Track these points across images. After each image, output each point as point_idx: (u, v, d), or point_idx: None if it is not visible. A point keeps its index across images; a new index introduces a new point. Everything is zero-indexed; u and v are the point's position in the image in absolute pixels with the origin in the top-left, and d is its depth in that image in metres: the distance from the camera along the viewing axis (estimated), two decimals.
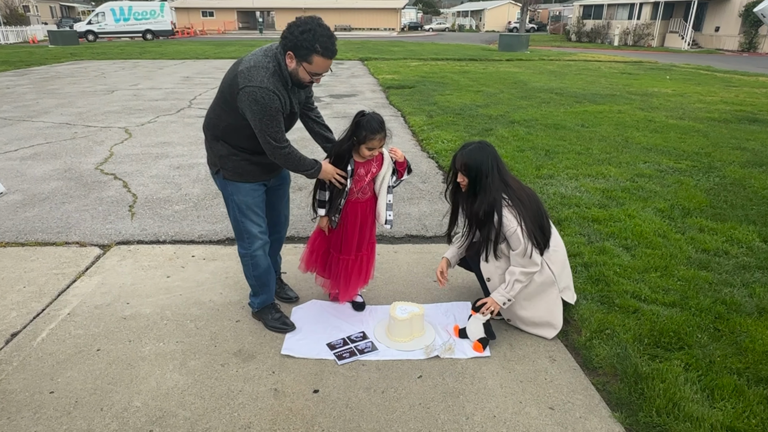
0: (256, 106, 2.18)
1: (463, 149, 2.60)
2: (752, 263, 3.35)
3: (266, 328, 2.72)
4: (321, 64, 2.20)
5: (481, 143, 2.62)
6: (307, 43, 2.14)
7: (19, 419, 2.09)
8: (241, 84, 2.18)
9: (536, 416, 2.13)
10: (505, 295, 2.56)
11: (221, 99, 2.36)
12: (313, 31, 2.13)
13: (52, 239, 3.80)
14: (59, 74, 14.27)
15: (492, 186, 2.50)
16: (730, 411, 2.07)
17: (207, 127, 2.49)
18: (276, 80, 2.22)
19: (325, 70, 2.26)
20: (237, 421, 2.10)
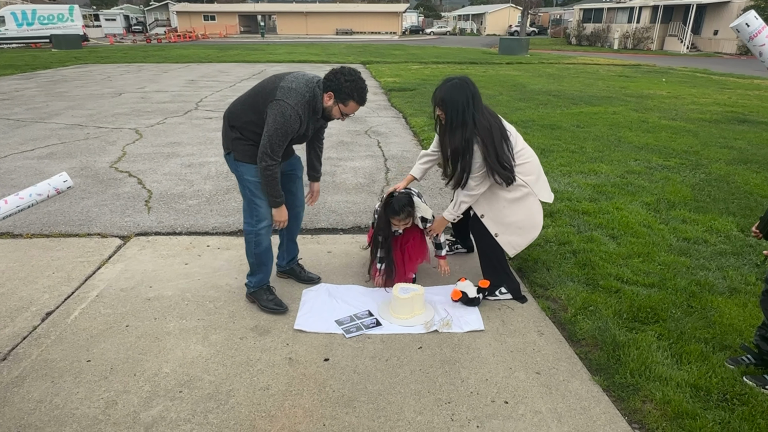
0: (281, 118, 2.53)
1: (444, 84, 2.78)
2: (728, 250, 3.60)
3: (260, 309, 2.93)
4: (353, 108, 2.65)
5: (461, 79, 2.78)
6: (349, 90, 2.57)
7: (62, 383, 2.34)
8: (278, 96, 2.54)
9: (524, 379, 2.38)
10: (453, 213, 2.98)
11: (252, 100, 2.67)
12: (355, 82, 2.57)
13: (74, 231, 4.06)
14: (66, 78, 14.57)
15: (467, 121, 2.70)
16: (695, 372, 2.33)
17: (229, 117, 2.78)
18: (305, 108, 2.60)
19: (354, 111, 2.68)
20: (257, 384, 2.35)
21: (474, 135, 2.72)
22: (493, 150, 2.74)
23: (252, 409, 2.19)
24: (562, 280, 3.20)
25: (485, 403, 2.23)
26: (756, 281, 3.18)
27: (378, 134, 7.51)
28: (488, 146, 2.73)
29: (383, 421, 2.12)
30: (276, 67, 18.15)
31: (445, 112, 2.76)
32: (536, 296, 3.11)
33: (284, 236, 3.22)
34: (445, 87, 2.77)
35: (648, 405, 2.19)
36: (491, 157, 2.74)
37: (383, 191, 3.22)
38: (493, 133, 2.76)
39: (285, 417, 2.15)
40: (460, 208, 2.96)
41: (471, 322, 2.83)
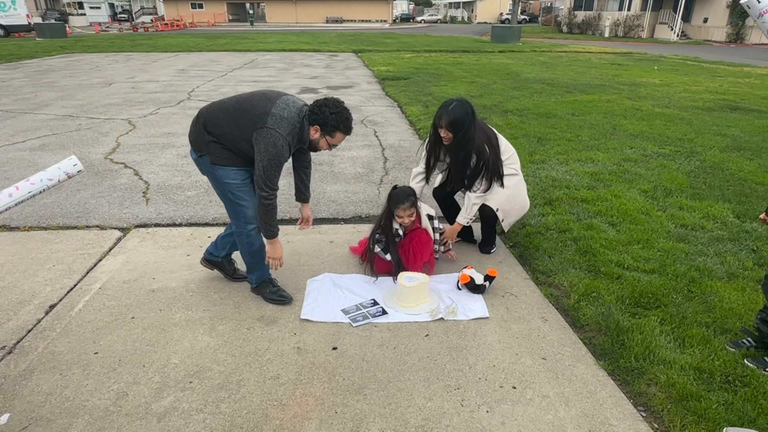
0: (273, 149, 2.48)
1: (446, 107, 3.04)
2: (725, 236, 3.66)
3: (265, 301, 2.93)
4: (340, 138, 2.66)
5: (460, 101, 3.06)
6: (335, 122, 2.56)
7: (71, 375, 2.34)
8: (270, 124, 2.49)
9: (530, 365, 2.42)
10: (467, 217, 3.30)
11: (237, 115, 2.56)
12: (340, 113, 2.57)
13: (72, 223, 4.03)
14: (53, 67, 14.32)
15: (474, 136, 3.05)
16: (698, 355, 2.38)
17: (205, 121, 2.62)
18: (293, 138, 2.58)
19: (341, 141, 2.69)
20: (266, 373, 2.36)
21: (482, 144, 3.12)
22: (495, 157, 3.18)
23: (263, 398, 2.20)
24: (564, 267, 3.24)
25: (494, 388, 2.26)
26: (753, 266, 3.24)
27: (374, 123, 7.49)
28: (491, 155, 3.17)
29: (394, 408, 2.15)
30: (267, 56, 17.98)
31: (453, 133, 3.05)
32: (539, 283, 3.14)
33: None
34: (448, 110, 3.03)
35: (653, 388, 2.24)
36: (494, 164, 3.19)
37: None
38: (492, 142, 3.20)
39: (297, 405, 2.17)
40: (473, 210, 3.30)
41: (476, 309, 2.86)
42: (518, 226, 3.88)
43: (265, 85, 11.15)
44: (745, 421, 2.02)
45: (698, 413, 2.06)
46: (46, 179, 1.86)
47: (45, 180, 1.85)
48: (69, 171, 1.89)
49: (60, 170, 1.87)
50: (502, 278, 3.18)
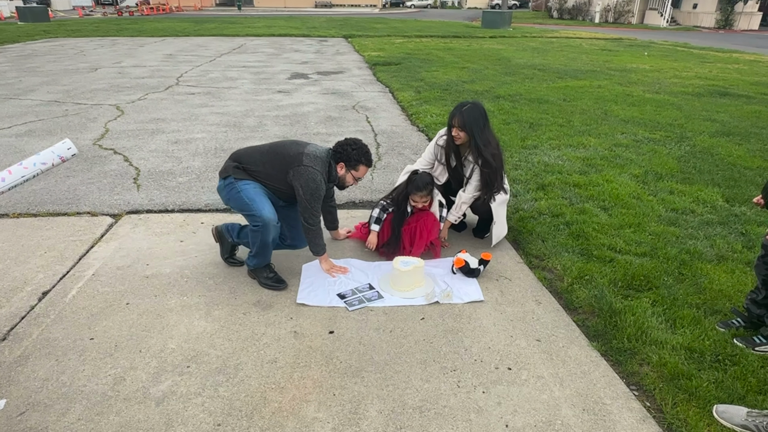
0: (313, 184, 2.75)
1: (460, 109, 3.11)
2: (715, 220, 3.72)
3: (260, 286, 2.93)
4: (364, 171, 2.93)
5: (474, 104, 3.14)
6: (357, 157, 2.86)
7: (67, 360, 2.33)
8: (306, 163, 2.76)
9: (525, 347, 2.45)
10: (456, 215, 3.34)
11: (273, 158, 2.84)
12: (361, 148, 2.87)
13: (63, 210, 3.98)
14: (36, 52, 14.00)
15: (489, 141, 3.11)
16: (689, 335, 2.43)
17: (240, 158, 2.89)
18: (325, 175, 2.86)
19: (364, 174, 2.96)
20: (264, 357, 2.37)
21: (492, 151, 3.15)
22: (500, 165, 3.21)
23: (261, 382, 2.22)
24: (557, 251, 3.27)
25: (489, 369, 2.30)
26: (742, 249, 3.30)
27: (366, 109, 7.45)
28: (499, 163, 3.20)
29: (392, 390, 2.17)
30: (256, 41, 17.74)
31: (466, 133, 3.12)
32: (532, 267, 3.17)
33: None
34: (463, 112, 3.11)
35: (645, 368, 2.28)
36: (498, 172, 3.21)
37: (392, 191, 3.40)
38: (500, 150, 3.24)
39: (295, 388, 2.18)
40: (462, 209, 3.35)
41: (471, 293, 2.88)
42: (511, 210, 3.90)
43: (254, 70, 11.02)
44: (735, 399, 2.07)
45: (689, 391, 2.11)
46: (40, 163, 1.83)
47: (38, 164, 1.82)
48: (63, 155, 1.86)
49: (54, 154, 1.84)
50: (497, 262, 3.20)
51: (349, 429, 1.98)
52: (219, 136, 5.92)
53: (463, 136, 3.14)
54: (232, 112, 7.11)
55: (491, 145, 3.14)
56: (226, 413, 2.04)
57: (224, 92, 8.53)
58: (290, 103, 7.73)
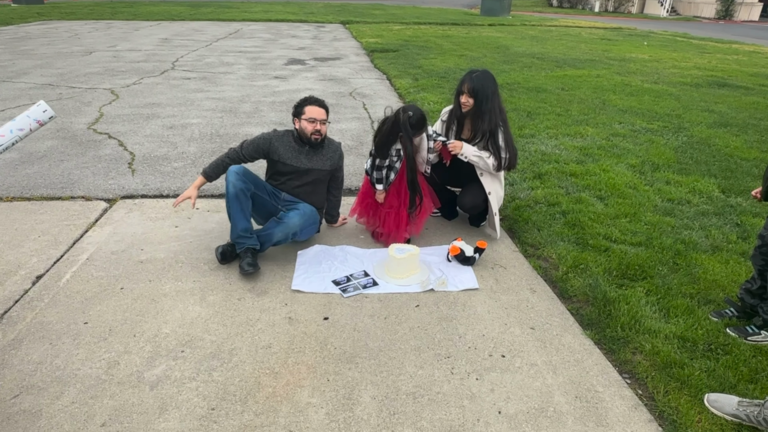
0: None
1: (471, 75, 3.04)
2: (710, 210, 3.73)
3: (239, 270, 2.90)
4: (310, 110, 2.99)
5: (485, 71, 3.07)
6: (299, 103, 3.04)
7: (61, 344, 2.33)
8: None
9: (519, 334, 2.46)
10: (475, 153, 3.10)
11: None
12: (303, 98, 3.07)
13: (57, 194, 3.95)
14: (30, 35, 13.80)
15: (493, 108, 3.01)
16: (682, 325, 2.44)
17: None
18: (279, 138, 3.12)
19: (317, 116, 2.99)
20: (258, 342, 2.37)
21: (499, 120, 3.07)
22: (508, 134, 3.12)
23: (256, 367, 2.22)
24: (553, 240, 3.28)
25: (483, 357, 2.31)
26: (737, 239, 3.31)
27: (363, 96, 7.39)
28: (507, 132, 3.11)
29: (386, 376, 2.18)
30: (252, 26, 17.53)
31: (475, 99, 3.04)
32: (528, 256, 3.18)
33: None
34: (473, 78, 3.04)
35: (638, 356, 2.30)
36: (510, 142, 3.11)
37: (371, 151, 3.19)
38: (507, 126, 3.16)
39: (289, 373, 2.19)
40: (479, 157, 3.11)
41: (465, 281, 2.88)
42: (507, 199, 3.90)
43: (251, 56, 10.91)
44: (726, 387, 2.09)
45: (681, 380, 2.13)
46: (17, 129, 1.75)
47: (15, 131, 1.75)
48: (39, 118, 1.78)
49: (29, 118, 1.77)
50: (492, 250, 3.21)
51: (342, 414, 1.98)
52: (215, 122, 5.87)
53: (471, 102, 3.05)
54: (228, 98, 7.04)
55: (498, 114, 3.05)
56: (220, 397, 2.05)
57: (220, 77, 8.45)
58: (287, 89, 7.67)
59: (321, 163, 3.15)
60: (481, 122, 3.07)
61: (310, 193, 3.16)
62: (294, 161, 3.08)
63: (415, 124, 2.94)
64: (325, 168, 3.16)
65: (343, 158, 3.32)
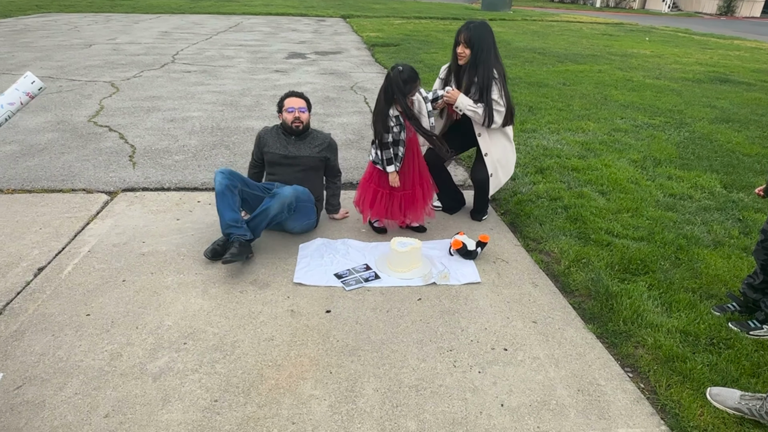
0: None
1: (468, 25, 3.03)
2: (712, 205, 3.72)
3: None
4: (290, 101, 3.15)
5: (483, 22, 3.02)
6: (281, 97, 3.20)
7: (63, 336, 2.33)
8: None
9: (521, 328, 2.46)
10: (469, 106, 3.06)
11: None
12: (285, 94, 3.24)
13: (58, 186, 3.94)
14: (29, 27, 13.73)
15: (489, 60, 3.00)
16: (684, 319, 2.45)
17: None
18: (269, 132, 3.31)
19: (295, 104, 3.14)
20: (261, 335, 2.38)
21: (495, 73, 3.02)
22: (505, 88, 3.05)
23: (258, 359, 2.22)
24: (555, 234, 3.27)
25: (485, 350, 2.31)
26: (739, 235, 3.31)
27: (364, 90, 7.37)
28: (503, 85, 3.05)
29: (388, 368, 2.18)
30: (253, 19, 17.46)
31: (471, 50, 3.00)
32: (529, 250, 3.18)
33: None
34: (470, 28, 3.02)
35: (640, 350, 2.30)
36: (506, 95, 3.05)
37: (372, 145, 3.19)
38: (505, 75, 3.11)
39: (292, 366, 2.19)
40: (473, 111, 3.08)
41: (468, 274, 2.88)
42: (509, 193, 3.90)
43: (251, 49, 10.87)
44: (728, 381, 2.09)
45: (683, 374, 2.13)
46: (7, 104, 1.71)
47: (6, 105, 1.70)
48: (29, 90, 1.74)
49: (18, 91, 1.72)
50: (494, 245, 3.20)
51: (345, 406, 1.99)
52: (215, 115, 5.85)
53: (468, 53, 3.01)
54: (228, 91, 7.02)
55: (494, 66, 2.98)
56: (222, 389, 2.05)
57: (220, 71, 8.42)
58: (287, 83, 7.64)
59: (309, 151, 3.23)
60: (476, 74, 3.02)
61: (302, 180, 3.21)
62: (281, 150, 3.23)
63: (407, 78, 2.87)
64: (313, 155, 3.23)
65: (333, 149, 3.34)
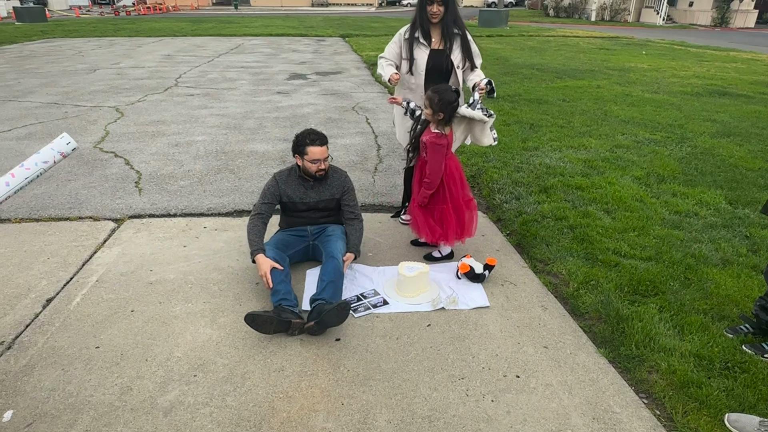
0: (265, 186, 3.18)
1: None
2: (718, 222, 3.72)
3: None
4: (314, 152, 2.98)
5: None
6: (300, 143, 3.01)
7: (73, 370, 2.32)
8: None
9: (533, 353, 2.45)
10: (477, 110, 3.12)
11: None
12: (301, 135, 3.03)
13: (65, 214, 3.96)
14: (34, 53, 13.93)
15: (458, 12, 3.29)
16: (697, 342, 2.43)
17: None
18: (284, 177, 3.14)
19: (320, 155, 2.98)
20: (271, 365, 2.36)
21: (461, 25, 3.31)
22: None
23: (269, 391, 2.21)
24: (562, 255, 3.27)
25: (497, 377, 2.29)
26: (747, 252, 3.30)
27: (365, 110, 7.43)
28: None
29: (400, 399, 2.17)
30: (253, 40, 17.68)
31: (446, 6, 3.21)
32: (537, 272, 3.17)
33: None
34: None
35: (654, 375, 2.28)
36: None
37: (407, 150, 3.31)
38: None
39: (303, 397, 2.17)
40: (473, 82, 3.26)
41: (476, 298, 2.87)
42: (514, 213, 3.90)
43: (253, 71, 10.99)
44: (746, 407, 2.07)
45: (700, 400, 2.11)
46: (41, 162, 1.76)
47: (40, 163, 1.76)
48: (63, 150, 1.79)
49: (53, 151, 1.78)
50: (501, 267, 3.20)
51: None
52: (219, 138, 5.90)
53: (442, 10, 3.20)
54: (231, 114, 7.08)
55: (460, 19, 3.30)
56: (234, 423, 2.03)
57: (223, 93, 8.51)
58: (290, 105, 7.71)
59: (329, 193, 3.17)
60: (453, 26, 3.27)
61: (330, 216, 3.23)
62: (304, 198, 3.13)
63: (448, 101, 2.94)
64: (334, 197, 3.19)
65: (349, 185, 3.22)
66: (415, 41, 3.33)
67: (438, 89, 2.92)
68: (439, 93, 2.88)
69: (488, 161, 5.04)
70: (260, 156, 5.33)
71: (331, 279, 2.76)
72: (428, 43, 3.33)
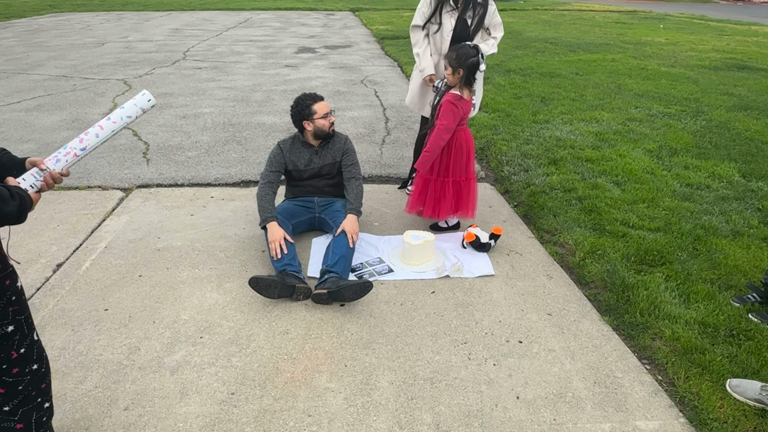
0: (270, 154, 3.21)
1: None
2: (731, 195, 3.66)
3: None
4: (319, 108, 2.99)
5: None
6: (302, 107, 3.01)
7: (83, 330, 2.36)
8: None
9: (536, 320, 2.45)
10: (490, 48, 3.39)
11: None
12: (298, 100, 3.04)
13: (74, 184, 3.99)
14: (43, 27, 13.90)
15: None
16: (702, 310, 2.41)
17: None
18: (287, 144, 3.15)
19: (326, 109, 3.02)
20: (276, 328, 2.39)
21: None
22: None
23: (274, 352, 2.24)
24: (569, 226, 3.24)
25: (500, 342, 2.30)
26: (758, 224, 3.25)
27: (374, 83, 7.35)
28: None
29: (403, 361, 2.19)
30: (262, 14, 17.48)
31: None
32: (544, 242, 3.15)
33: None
34: None
35: (657, 342, 2.27)
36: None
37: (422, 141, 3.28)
38: None
39: (307, 359, 2.20)
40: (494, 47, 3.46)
41: (481, 267, 2.87)
42: (522, 185, 3.87)
43: (261, 44, 10.88)
44: (749, 373, 2.06)
45: (702, 365, 2.10)
46: (125, 116, 1.78)
47: (125, 117, 1.78)
48: (144, 106, 1.82)
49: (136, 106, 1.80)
50: (507, 237, 3.18)
51: (360, 399, 1.99)
52: (227, 111, 5.88)
53: None
54: (239, 87, 7.04)
55: None
56: (239, 382, 2.07)
57: (231, 67, 8.45)
58: (298, 78, 7.65)
59: (331, 157, 3.16)
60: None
61: (335, 185, 3.21)
62: (308, 164, 3.14)
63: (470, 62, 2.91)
64: (336, 160, 3.18)
65: (349, 146, 3.19)
66: (445, 4, 3.33)
67: (456, 47, 2.93)
68: (457, 50, 2.89)
69: (497, 134, 4.98)
70: (268, 128, 5.31)
71: (343, 254, 2.75)
72: (456, 6, 3.34)
